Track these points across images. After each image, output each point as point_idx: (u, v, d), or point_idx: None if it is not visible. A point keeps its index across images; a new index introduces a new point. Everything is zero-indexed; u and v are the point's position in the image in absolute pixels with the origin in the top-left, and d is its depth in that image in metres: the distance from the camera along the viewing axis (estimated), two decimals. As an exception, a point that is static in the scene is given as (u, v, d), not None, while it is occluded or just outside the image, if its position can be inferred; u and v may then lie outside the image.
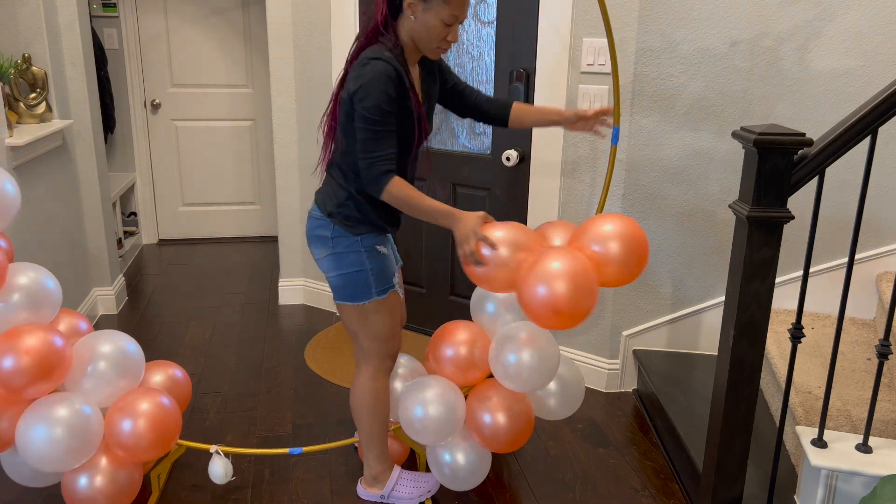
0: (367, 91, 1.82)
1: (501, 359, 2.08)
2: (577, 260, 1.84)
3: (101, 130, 3.65)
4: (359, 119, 1.85)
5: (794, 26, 2.53)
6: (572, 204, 2.87)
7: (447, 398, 2.11)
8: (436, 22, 1.86)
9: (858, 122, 1.63)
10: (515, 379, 2.07)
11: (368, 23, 1.92)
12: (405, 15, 1.88)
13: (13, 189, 1.96)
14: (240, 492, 2.31)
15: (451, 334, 2.21)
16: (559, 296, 1.79)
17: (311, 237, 2.05)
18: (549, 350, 2.07)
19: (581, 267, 1.83)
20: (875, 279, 2.64)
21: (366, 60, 1.84)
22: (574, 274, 1.80)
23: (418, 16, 1.86)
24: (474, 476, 2.21)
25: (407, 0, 1.85)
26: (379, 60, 1.83)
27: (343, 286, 2.03)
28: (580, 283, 1.80)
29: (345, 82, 1.92)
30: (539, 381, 2.08)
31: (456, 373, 2.19)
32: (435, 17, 1.85)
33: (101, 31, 4.60)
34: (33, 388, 1.87)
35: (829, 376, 1.80)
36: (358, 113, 1.84)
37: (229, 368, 3.15)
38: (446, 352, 2.19)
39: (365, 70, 1.83)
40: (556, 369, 2.10)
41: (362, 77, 1.83)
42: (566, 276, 1.79)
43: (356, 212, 1.99)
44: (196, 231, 5.14)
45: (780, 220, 1.68)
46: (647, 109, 2.67)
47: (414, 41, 1.92)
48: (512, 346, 2.06)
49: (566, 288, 1.79)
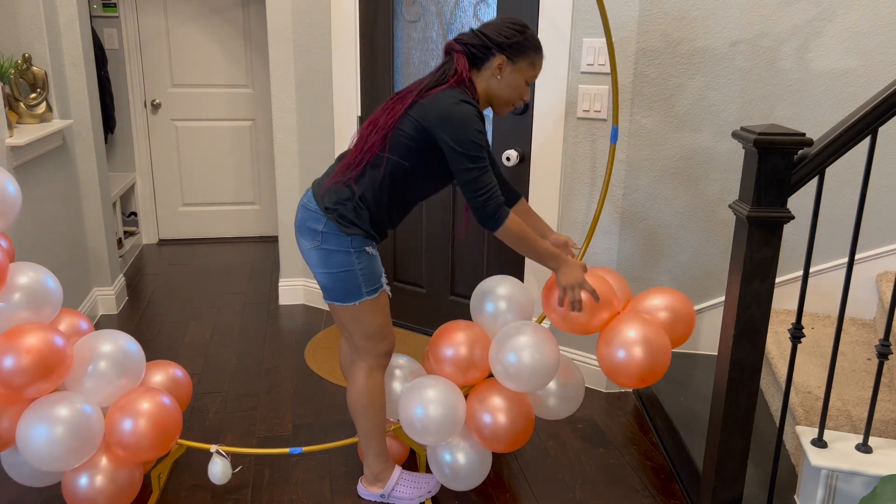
0: (464, 130, 1.87)
1: (501, 358, 2.08)
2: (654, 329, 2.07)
3: (101, 130, 3.65)
4: (460, 158, 1.88)
5: (794, 26, 2.53)
6: (572, 204, 2.87)
7: (448, 398, 2.11)
8: (520, 81, 1.99)
9: (858, 122, 1.63)
10: (515, 378, 2.07)
11: (447, 71, 1.96)
12: (487, 73, 1.97)
13: (14, 189, 1.97)
14: (240, 492, 2.31)
15: (450, 334, 2.21)
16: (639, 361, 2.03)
17: (300, 227, 2.04)
18: (549, 350, 2.07)
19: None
20: (875, 279, 2.64)
21: (456, 100, 1.88)
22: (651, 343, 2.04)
23: (504, 76, 1.97)
24: (475, 476, 2.21)
25: (497, 62, 1.94)
26: (469, 104, 1.89)
27: (333, 286, 2.03)
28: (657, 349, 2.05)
29: (411, 105, 1.94)
30: (539, 381, 2.08)
31: (456, 373, 2.19)
32: (520, 76, 1.98)
33: (101, 31, 4.60)
34: (34, 388, 1.87)
35: (829, 376, 1.80)
36: (458, 152, 1.88)
37: (229, 368, 3.16)
38: (446, 352, 2.19)
39: (459, 109, 1.87)
40: (556, 369, 2.10)
41: (455, 116, 1.87)
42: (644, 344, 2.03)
43: (353, 214, 1.98)
44: (196, 231, 5.14)
45: (780, 220, 1.68)
46: (647, 109, 2.68)
47: (490, 97, 2.02)
48: (512, 345, 2.07)
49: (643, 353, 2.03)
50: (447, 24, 3.07)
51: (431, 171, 2.00)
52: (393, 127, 1.93)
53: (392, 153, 1.95)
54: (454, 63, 1.96)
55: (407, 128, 1.93)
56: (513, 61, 1.96)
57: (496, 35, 1.94)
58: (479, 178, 1.89)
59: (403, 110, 1.93)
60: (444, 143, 1.89)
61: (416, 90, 1.95)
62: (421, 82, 1.97)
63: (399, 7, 3.18)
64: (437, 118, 1.88)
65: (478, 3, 2.97)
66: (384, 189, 1.98)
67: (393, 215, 2.06)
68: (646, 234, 2.82)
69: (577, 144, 2.80)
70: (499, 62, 1.95)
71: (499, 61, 1.95)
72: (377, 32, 3.26)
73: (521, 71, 1.97)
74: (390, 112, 1.96)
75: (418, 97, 1.94)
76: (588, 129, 2.77)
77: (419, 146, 1.94)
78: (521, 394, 2.18)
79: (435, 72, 1.98)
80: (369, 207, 1.99)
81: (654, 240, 2.82)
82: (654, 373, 2.04)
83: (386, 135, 1.94)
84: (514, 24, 1.96)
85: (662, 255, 2.84)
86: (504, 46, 1.94)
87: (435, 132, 1.90)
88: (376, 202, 1.99)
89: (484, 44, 1.95)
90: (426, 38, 3.15)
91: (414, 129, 1.92)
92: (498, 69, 1.96)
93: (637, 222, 2.81)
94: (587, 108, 2.73)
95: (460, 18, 3.04)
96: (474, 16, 3.00)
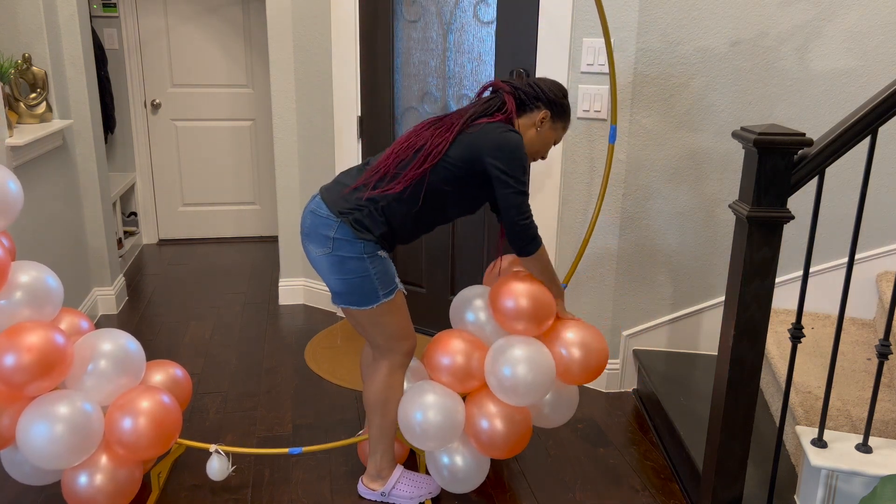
0: (515, 154, 1.95)
1: (496, 371, 2.08)
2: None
3: (101, 130, 3.65)
4: (510, 183, 1.95)
5: (794, 26, 2.53)
6: (572, 204, 2.87)
7: (447, 404, 2.10)
8: (550, 139, 2.12)
9: (858, 122, 1.64)
10: (511, 393, 2.08)
11: (492, 107, 2.04)
12: (528, 122, 2.07)
13: (16, 188, 1.97)
14: (240, 492, 2.31)
15: (445, 344, 2.19)
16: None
17: (311, 234, 2.04)
18: (546, 364, 2.09)
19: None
20: (875, 279, 2.64)
21: (507, 129, 1.98)
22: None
23: (543, 130, 2.09)
24: (473, 479, 2.21)
25: (542, 115, 2.06)
26: (517, 135, 1.99)
27: (349, 292, 2.03)
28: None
29: (458, 133, 1.99)
30: (536, 396, 2.09)
31: (453, 383, 2.17)
32: (552, 135, 2.12)
33: (101, 31, 4.60)
34: (34, 386, 1.87)
35: (829, 376, 1.80)
36: (509, 176, 1.95)
37: (229, 368, 3.15)
38: (442, 360, 2.16)
39: (509, 137, 1.96)
40: (552, 383, 2.11)
41: (510, 143, 1.95)
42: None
43: (369, 220, 1.99)
44: (196, 231, 5.14)
45: (780, 220, 1.68)
46: (647, 109, 2.68)
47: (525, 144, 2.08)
48: (507, 360, 2.07)
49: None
50: (447, 24, 3.08)
51: (464, 198, 2.07)
52: (442, 154, 1.98)
53: (432, 176, 1.99)
54: (502, 101, 2.05)
55: (453, 154, 1.98)
56: (553, 119, 2.09)
57: (549, 91, 2.07)
58: (525, 203, 1.99)
59: (452, 138, 1.98)
60: (495, 169, 1.95)
61: (463, 119, 2.01)
62: (465, 111, 2.04)
63: (399, 7, 3.18)
64: (490, 146, 1.95)
65: (478, 3, 2.98)
66: (413, 209, 2.01)
67: (414, 233, 2.09)
68: (646, 234, 2.82)
69: (577, 144, 2.81)
70: (543, 115, 2.07)
71: (543, 115, 2.07)
72: (377, 32, 3.26)
73: (555, 130, 2.11)
74: (438, 138, 1.99)
75: (464, 126, 2.00)
76: (588, 129, 2.77)
77: (462, 174, 1.99)
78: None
79: (479, 103, 2.06)
80: (391, 221, 2.01)
81: (653, 240, 2.82)
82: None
83: (435, 161, 1.98)
84: (562, 87, 2.11)
85: (662, 255, 2.85)
86: (553, 103, 2.07)
87: (485, 159, 1.96)
88: (402, 219, 2.02)
89: (536, 94, 2.07)
90: (426, 38, 3.15)
91: (460, 157, 1.98)
92: (541, 121, 2.07)
93: (637, 222, 2.81)
94: (587, 108, 2.73)
95: (460, 18, 3.04)
96: (474, 16, 3.00)
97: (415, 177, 1.98)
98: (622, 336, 2.94)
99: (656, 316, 2.93)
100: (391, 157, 2.01)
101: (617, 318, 2.93)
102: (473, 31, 3.03)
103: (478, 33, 3.02)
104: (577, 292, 2.95)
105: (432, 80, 3.18)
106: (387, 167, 2.00)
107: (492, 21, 2.95)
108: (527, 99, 2.05)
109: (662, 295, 2.90)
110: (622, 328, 2.94)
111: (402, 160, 2.00)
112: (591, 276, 2.91)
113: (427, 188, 1.99)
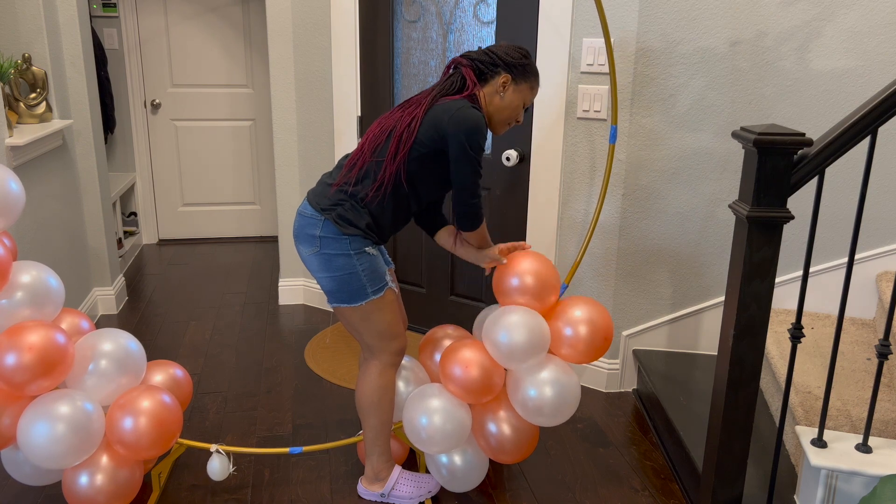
0: (474, 132, 1.94)
1: (521, 397, 2.08)
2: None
3: (101, 130, 3.65)
4: (467, 161, 1.95)
5: (794, 26, 2.54)
6: (572, 204, 2.88)
7: (453, 410, 2.09)
8: (518, 102, 2.07)
9: (858, 122, 1.64)
10: (536, 415, 2.08)
11: (454, 83, 2.03)
12: (491, 90, 2.04)
13: (17, 187, 1.97)
14: (240, 492, 2.31)
15: (457, 353, 2.11)
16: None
17: (299, 235, 2.06)
18: (571, 384, 2.10)
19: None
20: (875, 279, 2.64)
21: (465, 106, 1.96)
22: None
23: (506, 95, 2.05)
24: (472, 478, 2.21)
25: (502, 79, 2.03)
26: (478, 111, 1.98)
27: (337, 290, 2.04)
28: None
29: (419, 118, 1.98)
30: (561, 416, 2.10)
31: (464, 396, 2.11)
32: (519, 98, 2.07)
33: (101, 31, 4.60)
34: (35, 385, 1.87)
35: (829, 376, 1.80)
36: (465, 153, 1.94)
37: (229, 368, 3.16)
38: (455, 370, 2.09)
39: (469, 114, 1.94)
40: (576, 403, 2.12)
41: (468, 120, 1.93)
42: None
43: (352, 214, 2.00)
44: (196, 231, 5.14)
45: (779, 220, 1.68)
46: (647, 109, 2.68)
47: (490, 114, 2.07)
48: (534, 383, 2.07)
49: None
50: (447, 24, 3.08)
51: (431, 178, 2.05)
52: (414, 135, 1.97)
53: (419, 165, 2.00)
54: (461, 76, 2.03)
55: (421, 134, 1.97)
56: (516, 82, 2.05)
57: (504, 55, 2.04)
58: (478, 183, 2.00)
59: (422, 115, 1.98)
60: (455, 145, 1.94)
61: (427, 98, 2.00)
62: (429, 92, 2.03)
63: (399, 7, 3.18)
64: (451, 122, 1.94)
65: (478, 3, 2.98)
66: (387, 193, 2.01)
67: (397, 220, 2.09)
68: (646, 234, 2.83)
69: (577, 144, 2.81)
70: (503, 80, 2.03)
71: (504, 79, 2.03)
72: (377, 32, 3.26)
73: (521, 92, 2.07)
74: (409, 119, 1.98)
75: (430, 105, 1.99)
76: (588, 129, 2.77)
77: (428, 152, 1.98)
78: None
79: (442, 82, 2.05)
80: (370, 210, 2.01)
81: (653, 240, 2.83)
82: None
83: (409, 145, 1.97)
84: (520, 48, 2.07)
85: (662, 254, 2.85)
86: (511, 66, 2.04)
87: (447, 137, 1.95)
88: (380, 206, 2.02)
89: (492, 61, 2.04)
90: (426, 38, 3.15)
91: (427, 136, 1.97)
92: (502, 86, 2.04)
93: (637, 222, 2.81)
94: (587, 108, 2.73)
95: (460, 18, 3.04)
96: (474, 16, 3.00)
97: (392, 172, 1.98)
98: (622, 336, 2.95)
99: (656, 316, 2.93)
100: (366, 145, 2.02)
101: (617, 318, 2.93)
102: (473, 31, 3.03)
103: (478, 33, 3.02)
104: (578, 292, 2.95)
105: (432, 80, 3.18)
106: (363, 157, 2.01)
107: (492, 21, 2.95)
108: (485, 67, 2.03)
109: (662, 295, 2.90)
110: (622, 328, 2.94)
111: (377, 145, 2.00)
112: (591, 276, 2.92)
113: (397, 170, 2.00)
